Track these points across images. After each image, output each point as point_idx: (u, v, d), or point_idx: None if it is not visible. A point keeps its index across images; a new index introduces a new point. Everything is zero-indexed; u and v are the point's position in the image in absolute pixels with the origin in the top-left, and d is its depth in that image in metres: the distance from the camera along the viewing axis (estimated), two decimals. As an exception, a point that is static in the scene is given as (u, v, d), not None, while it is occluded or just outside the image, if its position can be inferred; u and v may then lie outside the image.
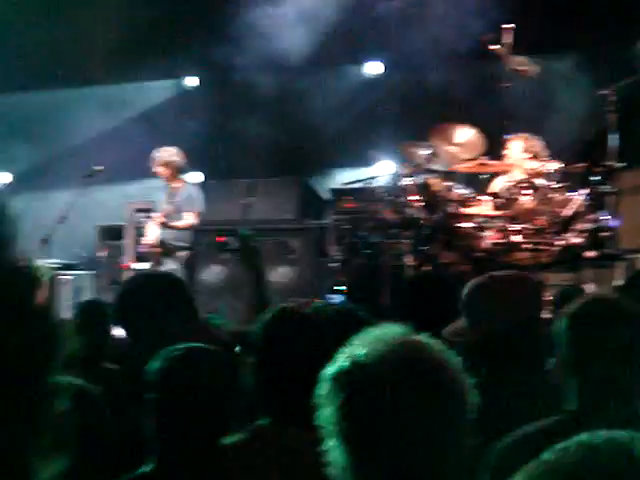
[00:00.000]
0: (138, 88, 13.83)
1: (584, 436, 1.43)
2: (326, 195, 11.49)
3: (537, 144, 9.29)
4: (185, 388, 3.07)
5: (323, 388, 2.03)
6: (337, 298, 8.92)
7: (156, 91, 14.11)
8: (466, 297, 3.72)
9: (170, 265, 9.91)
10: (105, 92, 13.60)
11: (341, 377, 2.01)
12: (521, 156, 9.15)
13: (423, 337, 2.08)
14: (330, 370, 2.03)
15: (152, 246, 9.96)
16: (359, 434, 1.97)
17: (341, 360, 2.03)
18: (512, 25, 9.36)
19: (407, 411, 1.95)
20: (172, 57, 13.40)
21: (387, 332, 2.06)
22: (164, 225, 9.91)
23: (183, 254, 10.00)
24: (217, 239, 9.72)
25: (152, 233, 10.03)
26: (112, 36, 12.92)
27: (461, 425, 1.99)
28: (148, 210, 10.75)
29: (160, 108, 14.00)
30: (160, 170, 10.17)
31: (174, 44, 13.23)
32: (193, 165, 11.07)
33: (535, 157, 9.08)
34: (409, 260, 9.01)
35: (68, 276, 11.30)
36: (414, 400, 1.95)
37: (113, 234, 11.81)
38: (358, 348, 2.02)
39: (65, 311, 8.21)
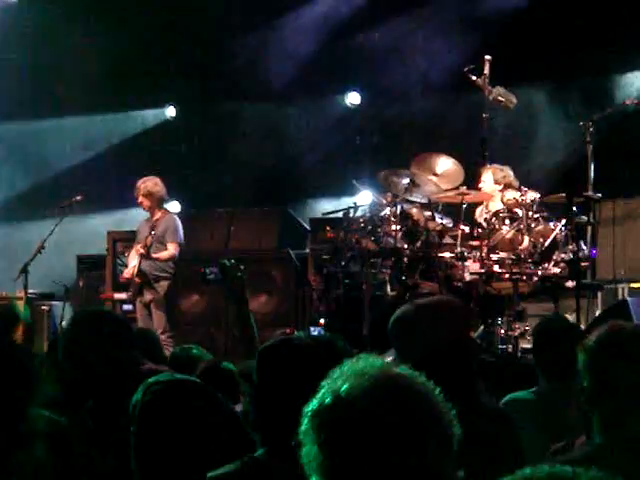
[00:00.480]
0: (118, 118, 13.82)
1: (527, 470, 1.44)
2: (306, 225, 11.51)
3: (510, 174, 9.35)
4: (162, 421, 3.03)
5: (305, 424, 1.99)
6: (318, 330, 8.89)
7: (136, 121, 14.10)
8: (390, 329, 3.69)
9: (148, 296, 9.89)
10: (84, 122, 13.58)
11: (324, 413, 1.97)
12: (494, 187, 9.21)
13: (403, 369, 2.06)
14: (311, 406, 1.99)
15: (132, 276, 9.92)
16: (343, 472, 1.93)
17: (322, 395, 1.99)
18: (489, 57, 9.42)
19: (393, 445, 1.92)
20: (152, 87, 13.43)
21: (367, 365, 2.03)
22: (145, 256, 9.87)
23: (164, 284, 9.97)
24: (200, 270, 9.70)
25: (132, 263, 10.00)
26: (91, 66, 12.93)
27: (448, 457, 1.97)
28: (128, 240, 10.72)
29: (140, 137, 13.99)
30: (143, 200, 10.15)
31: (153, 74, 13.27)
32: (173, 194, 11.08)
33: (507, 187, 9.13)
34: (389, 290, 9.01)
35: (46, 306, 11.25)
36: (400, 434, 1.93)
37: (93, 264, 11.78)
38: (339, 382, 1.99)
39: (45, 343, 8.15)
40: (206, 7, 12.83)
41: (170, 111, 14.17)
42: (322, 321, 8.98)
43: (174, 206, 12.39)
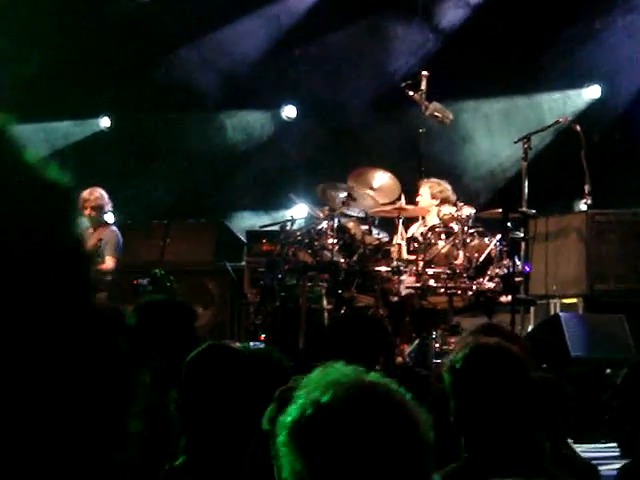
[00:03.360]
0: (52, 127, 13.64)
1: None
2: (243, 238, 11.47)
3: (446, 189, 9.44)
4: (204, 383, 3.21)
5: (284, 436, 1.97)
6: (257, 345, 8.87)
7: (71, 130, 13.92)
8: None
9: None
10: (18, 130, 13.36)
11: (306, 424, 1.96)
12: (431, 201, 9.30)
13: (375, 376, 2.07)
14: (290, 417, 1.98)
15: None
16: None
17: (301, 406, 1.98)
18: (426, 73, 9.51)
19: (375, 452, 1.95)
20: (87, 97, 13.29)
21: (341, 374, 2.03)
22: None
23: (101, 296, 9.84)
24: (134, 282, 9.62)
25: None
26: (25, 73, 12.75)
27: (427, 461, 2.00)
28: None
29: (75, 148, 13.80)
30: (92, 212, 10.03)
31: (87, 84, 13.13)
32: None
33: (444, 202, 9.22)
34: (325, 303, 9.03)
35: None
36: (383, 441, 1.95)
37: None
38: (317, 393, 1.98)
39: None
40: (141, 17, 12.76)
41: (104, 122, 14.03)
42: (263, 336, 8.95)
43: (109, 217, 12.27)
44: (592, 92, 12.13)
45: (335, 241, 9.07)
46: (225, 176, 13.08)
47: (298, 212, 10.11)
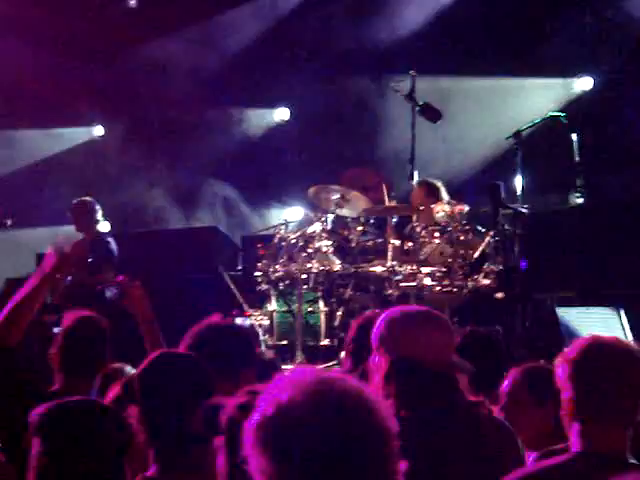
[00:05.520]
0: (46, 134, 13.61)
1: None
2: (238, 242, 11.48)
3: (439, 187, 9.45)
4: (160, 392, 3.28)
5: (250, 437, 2.03)
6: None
7: (64, 137, 13.88)
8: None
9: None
10: (9, 136, 13.30)
11: (267, 424, 2.01)
12: (424, 200, 9.29)
13: (336, 374, 2.12)
14: (254, 419, 2.04)
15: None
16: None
17: (263, 407, 2.03)
18: (415, 72, 9.53)
19: (336, 446, 1.98)
20: (80, 104, 13.29)
21: (302, 374, 2.08)
22: (79, 279, 9.76)
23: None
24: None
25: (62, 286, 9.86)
26: (20, 78, 12.75)
27: (389, 453, 2.04)
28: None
29: (68, 155, 13.78)
30: (81, 221, 10.04)
31: (82, 91, 13.13)
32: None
33: (437, 200, 9.21)
34: (322, 305, 9.03)
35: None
36: (341, 435, 1.99)
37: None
38: (277, 393, 2.03)
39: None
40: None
41: (98, 130, 14.03)
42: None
43: (105, 226, 12.27)
44: (584, 83, 12.11)
45: (329, 243, 9.08)
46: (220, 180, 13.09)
47: (292, 215, 10.12)
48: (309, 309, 8.98)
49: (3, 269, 12.12)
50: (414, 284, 8.76)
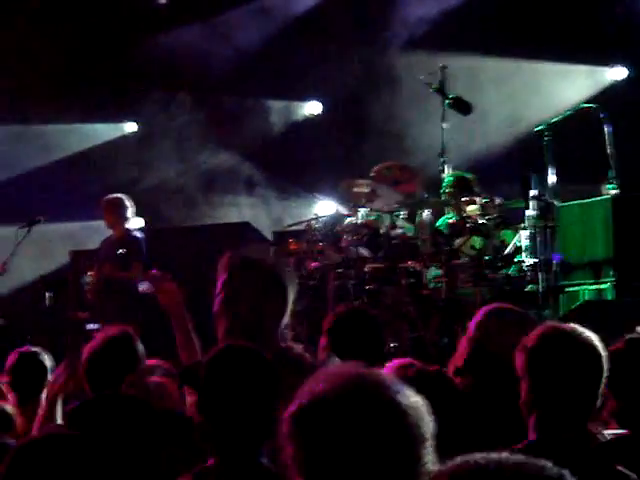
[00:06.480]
0: (77, 129, 13.65)
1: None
2: (269, 237, 11.48)
3: (470, 180, 9.41)
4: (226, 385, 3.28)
5: (286, 428, 2.09)
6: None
7: (95, 134, 13.91)
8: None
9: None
10: (43, 132, 13.36)
11: (303, 415, 2.07)
12: (457, 192, 9.26)
13: (375, 371, 2.17)
14: (291, 409, 2.10)
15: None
16: (325, 470, 2.03)
17: (300, 399, 2.09)
18: (446, 65, 9.50)
19: (372, 445, 2.02)
20: (113, 101, 13.34)
21: (339, 368, 2.18)
22: (107, 275, 9.82)
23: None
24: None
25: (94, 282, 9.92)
26: (53, 75, 12.82)
27: (422, 446, 2.06)
28: (91, 257, 10.60)
29: (99, 151, 13.82)
30: (111, 217, 10.10)
31: (116, 89, 13.17)
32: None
33: (470, 193, 9.18)
34: (353, 300, 9.02)
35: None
36: (374, 427, 2.03)
37: (57, 283, 11.65)
38: (314, 385, 2.09)
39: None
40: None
41: (130, 126, 14.05)
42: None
43: (137, 222, 12.33)
44: (617, 73, 12.02)
45: (360, 237, 9.08)
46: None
47: (323, 209, 10.12)
48: (340, 303, 8.97)
49: (39, 265, 12.20)
50: (446, 277, 8.74)
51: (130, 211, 10.16)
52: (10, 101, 12.79)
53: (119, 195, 10.20)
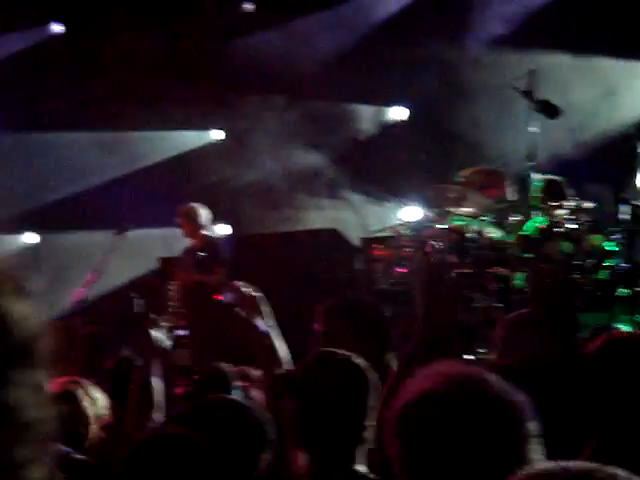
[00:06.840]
0: (162, 136, 13.77)
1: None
2: (356, 244, 11.46)
3: (559, 184, 9.31)
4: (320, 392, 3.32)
5: (392, 425, 2.13)
6: None
7: (180, 140, 14.01)
8: None
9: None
10: (127, 138, 13.52)
11: (411, 412, 2.11)
12: (546, 196, 9.16)
13: (478, 369, 2.22)
14: (396, 408, 2.13)
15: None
16: (430, 466, 2.06)
17: (407, 396, 2.13)
18: (534, 68, 9.41)
19: (480, 442, 2.05)
20: (199, 107, 13.43)
21: (444, 366, 2.18)
22: (192, 282, 9.94)
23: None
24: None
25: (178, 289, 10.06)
26: (137, 83, 12.97)
27: (521, 444, 2.08)
28: (174, 264, 10.69)
29: (187, 158, 13.91)
30: (187, 226, 10.22)
31: (204, 96, 13.26)
32: (215, 218, 10.98)
33: (559, 197, 9.08)
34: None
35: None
36: (485, 430, 2.06)
37: (146, 289, 11.77)
38: (421, 382, 2.14)
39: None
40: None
41: (217, 134, 14.08)
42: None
43: (223, 229, 12.43)
44: None
45: (448, 242, 9.04)
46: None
47: (410, 215, 10.10)
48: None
49: (128, 271, 12.34)
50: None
51: (205, 218, 10.26)
52: (100, 108, 12.98)
53: (192, 204, 10.33)
